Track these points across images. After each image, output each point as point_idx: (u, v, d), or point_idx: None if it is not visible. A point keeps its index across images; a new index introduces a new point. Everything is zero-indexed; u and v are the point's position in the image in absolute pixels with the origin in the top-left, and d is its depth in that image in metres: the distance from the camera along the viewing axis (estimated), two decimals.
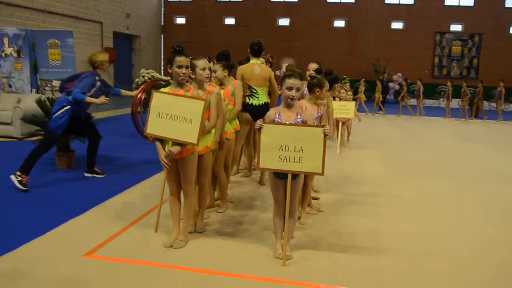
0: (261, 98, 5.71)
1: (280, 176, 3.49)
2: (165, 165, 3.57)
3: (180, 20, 27.87)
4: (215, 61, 5.23)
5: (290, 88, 3.37)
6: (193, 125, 3.42)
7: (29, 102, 8.28)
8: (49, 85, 10.19)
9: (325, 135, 3.31)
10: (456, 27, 24.38)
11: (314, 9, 25.05)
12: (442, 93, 21.04)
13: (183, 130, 3.46)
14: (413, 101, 17.53)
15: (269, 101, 5.89)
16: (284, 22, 26.56)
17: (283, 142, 3.34)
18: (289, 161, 3.35)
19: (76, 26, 18.91)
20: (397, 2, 24.55)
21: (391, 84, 23.06)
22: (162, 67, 27.42)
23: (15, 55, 10.14)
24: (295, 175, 3.46)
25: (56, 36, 10.07)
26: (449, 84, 17.12)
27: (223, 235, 4.07)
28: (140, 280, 3.15)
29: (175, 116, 3.47)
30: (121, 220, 4.29)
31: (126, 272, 3.26)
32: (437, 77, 24.10)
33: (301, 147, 3.32)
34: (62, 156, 6.37)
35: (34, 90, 10.26)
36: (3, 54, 10.10)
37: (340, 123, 8.58)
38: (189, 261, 3.46)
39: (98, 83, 5.72)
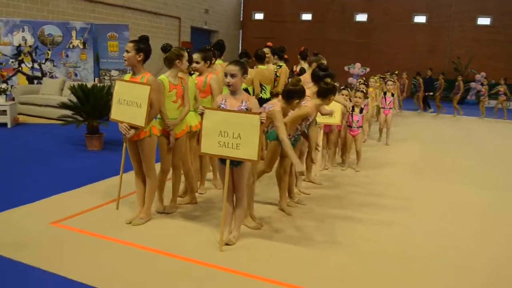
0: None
1: (224, 162, 3.54)
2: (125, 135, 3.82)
3: (259, 16, 28.36)
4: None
5: (225, 75, 3.41)
6: (142, 109, 3.63)
7: None
8: (108, 74, 11.08)
9: (261, 122, 3.30)
10: None
11: (394, 4, 24.03)
12: None
13: (134, 114, 3.69)
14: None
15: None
16: (362, 17, 25.82)
17: (222, 128, 3.39)
18: (228, 147, 3.39)
19: (155, 21, 20.17)
20: None
21: (473, 84, 21.42)
22: None
23: (81, 46, 11.16)
24: (239, 162, 3.50)
25: (114, 29, 10.91)
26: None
27: (189, 217, 4.21)
28: (84, 249, 3.41)
29: (130, 101, 3.72)
30: (106, 197, 4.62)
31: (76, 241, 3.54)
32: None
33: (239, 134, 3.35)
34: (91, 138, 6.95)
35: (97, 78, 11.22)
36: (71, 46, 11.17)
37: (322, 131, 6.11)
38: (139, 238, 3.64)
39: None
